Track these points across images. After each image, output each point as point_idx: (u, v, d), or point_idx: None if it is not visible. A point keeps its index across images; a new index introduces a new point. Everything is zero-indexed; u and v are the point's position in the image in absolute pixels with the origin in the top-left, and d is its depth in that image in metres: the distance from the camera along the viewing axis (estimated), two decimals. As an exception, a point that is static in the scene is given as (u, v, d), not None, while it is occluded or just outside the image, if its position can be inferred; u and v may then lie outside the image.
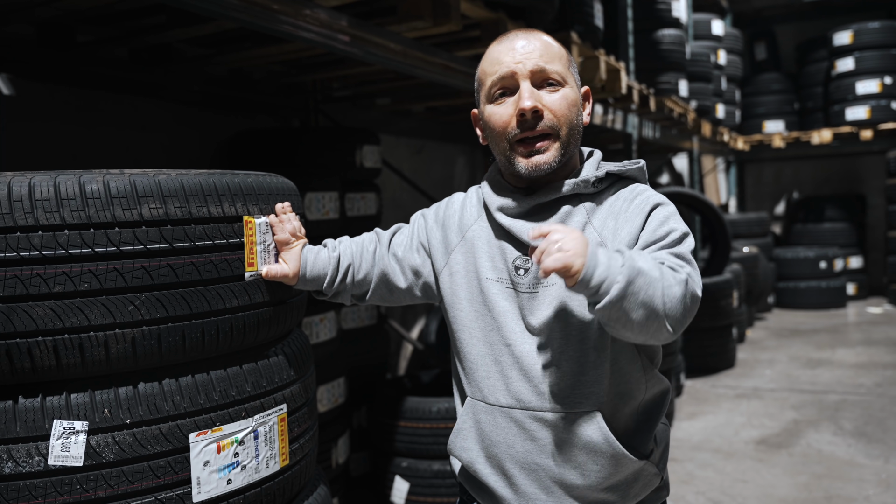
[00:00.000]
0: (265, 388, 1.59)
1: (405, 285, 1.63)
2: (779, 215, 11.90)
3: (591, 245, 1.20)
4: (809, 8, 11.40)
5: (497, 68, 1.44)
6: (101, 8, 2.62)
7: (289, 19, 2.40)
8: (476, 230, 1.54)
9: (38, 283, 1.31)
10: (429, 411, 3.36)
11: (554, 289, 1.41)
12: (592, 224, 1.43)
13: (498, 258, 1.48)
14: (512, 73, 1.42)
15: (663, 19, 6.59)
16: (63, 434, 1.34)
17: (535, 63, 1.41)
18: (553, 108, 1.41)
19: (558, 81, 1.43)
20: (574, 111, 1.44)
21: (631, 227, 1.39)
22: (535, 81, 1.42)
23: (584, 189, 1.46)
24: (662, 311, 1.22)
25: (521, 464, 1.44)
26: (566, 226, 1.24)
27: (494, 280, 1.47)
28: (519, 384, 1.43)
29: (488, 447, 1.48)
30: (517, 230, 1.45)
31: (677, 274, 1.26)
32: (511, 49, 1.43)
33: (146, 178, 1.41)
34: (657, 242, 1.36)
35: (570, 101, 1.43)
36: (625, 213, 1.41)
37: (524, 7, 3.34)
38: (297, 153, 3.50)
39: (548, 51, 1.43)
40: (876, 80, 9.68)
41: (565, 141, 1.43)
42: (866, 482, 3.85)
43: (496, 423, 1.46)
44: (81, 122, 3.09)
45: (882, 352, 6.93)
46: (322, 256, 1.62)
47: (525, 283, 1.44)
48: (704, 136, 8.25)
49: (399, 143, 5.22)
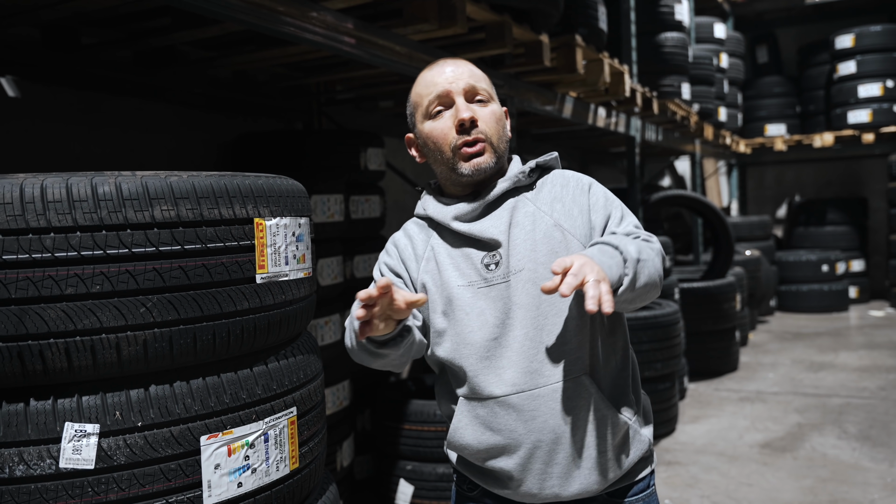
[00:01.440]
0: (275, 391, 1.58)
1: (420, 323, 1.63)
2: (780, 218, 11.90)
3: (595, 258, 1.36)
4: (811, 11, 11.41)
5: (432, 89, 1.60)
6: (105, 10, 2.62)
7: (294, 21, 2.40)
8: (432, 249, 1.62)
9: (50, 284, 1.30)
10: (433, 414, 3.36)
11: (524, 272, 1.52)
12: (541, 209, 1.59)
13: (464, 264, 1.57)
14: (447, 92, 1.59)
15: (666, 22, 6.60)
16: (74, 437, 1.34)
17: (466, 82, 1.59)
18: (484, 118, 1.59)
19: (486, 98, 1.61)
20: (501, 123, 1.63)
21: (580, 206, 1.59)
22: (467, 97, 1.59)
23: (522, 181, 1.62)
24: (657, 280, 1.48)
25: (526, 444, 1.51)
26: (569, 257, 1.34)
27: (465, 286, 1.55)
28: (511, 371, 1.51)
29: (490, 437, 1.54)
30: (478, 232, 1.57)
31: (652, 245, 1.50)
32: (442, 72, 1.61)
33: (158, 180, 1.41)
34: (612, 216, 1.58)
35: (497, 115, 1.62)
36: (567, 195, 1.60)
37: (529, 10, 3.34)
38: (301, 156, 3.49)
39: (474, 73, 1.62)
40: (878, 84, 9.68)
41: (496, 146, 1.59)
42: (871, 486, 3.84)
43: (495, 413, 1.52)
44: (85, 124, 3.09)
45: (885, 355, 6.92)
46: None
47: (499, 275, 1.54)
48: (706, 140, 8.26)
49: (402, 146, 5.22)
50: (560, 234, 1.55)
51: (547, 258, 1.52)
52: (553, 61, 3.83)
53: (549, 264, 1.51)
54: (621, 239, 1.44)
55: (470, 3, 2.86)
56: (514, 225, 1.56)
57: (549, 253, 1.53)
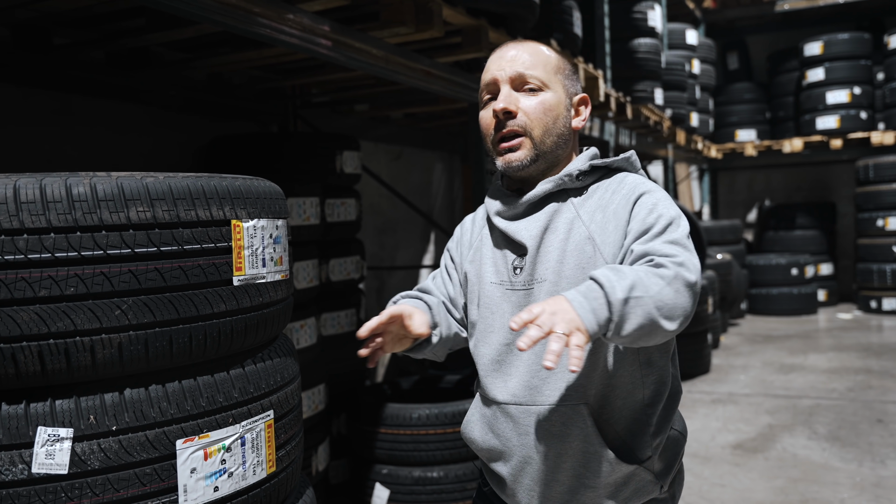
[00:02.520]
0: (252, 394, 1.57)
1: (460, 316, 1.68)
2: (751, 223, 12.05)
3: (568, 297, 1.21)
4: (780, 19, 11.59)
5: (486, 76, 1.55)
6: (78, 10, 2.59)
7: (270, 23, 2.39)
8: (482, 239, 1.62)
9: (23, 287, 1.28)
10: (409, 418, 3.35)
11: (546, 284, 1.45)
12: (581, 218, 1.46)
13: (500, 262, 1.54)
14: (495, 80, 1.52)
15: (639, 28, 6.67)
16: (47, 441, 1.32)
17: (515, 69, 1.50)
18: (527, 110, 1.49)
19: (537, 87, 1.50)
20: (550, 115, 1.50)
21: (617, 220, 1.42)
22: (515, 86, 1.51)
23: (570, 184, 1.50)
24: (659, 318, 1.24)
25: (518, 457, 1.48)
26: (537, 304, 1.22)
27: (497, 283, 1.54)
28: (515, 381, 1.48)
29: (491, 439, 1.53)
30: (511, 231, 1.52)
31: (665, 271, 1.26)
32: (500, 58, 1.54)
33: (134, 181, 1.39)
34: (648, 231, 1.37)
35: (547, 105, 1.50)
36: (612, 204, 1.44)
37: (505, 14, 3.36)
38: (277, 158, 3.48)
39: (533, 58, 1.52)
40: (845, 90, 9.85)
41: (539, 141, 1.49)
42: (841, 485, 3.89)
43: (496, 417, 1.51)
44: (58, 125, 3.05)
45: (853, 357, 7.04)
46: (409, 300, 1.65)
47: (521, 281, 1.49)
48: (679, 144, 8.35)
49: (378, 150, 5.22)
50: (591, 249, 1.42)
51: (573, 272, 1.42)
52: (528, 66, 3.84)
53: (573, 279, 1.41)
54: (616, 273, 1.25)
55: (447, 7, 2.87)
56: (549, 230, 1.47)
57: (575, 267, 1.42)
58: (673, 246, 1.32)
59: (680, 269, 1.27)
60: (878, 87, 10.14)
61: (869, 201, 9.58)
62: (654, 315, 1.23)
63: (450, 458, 3.33)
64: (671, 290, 1.25)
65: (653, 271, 1.27)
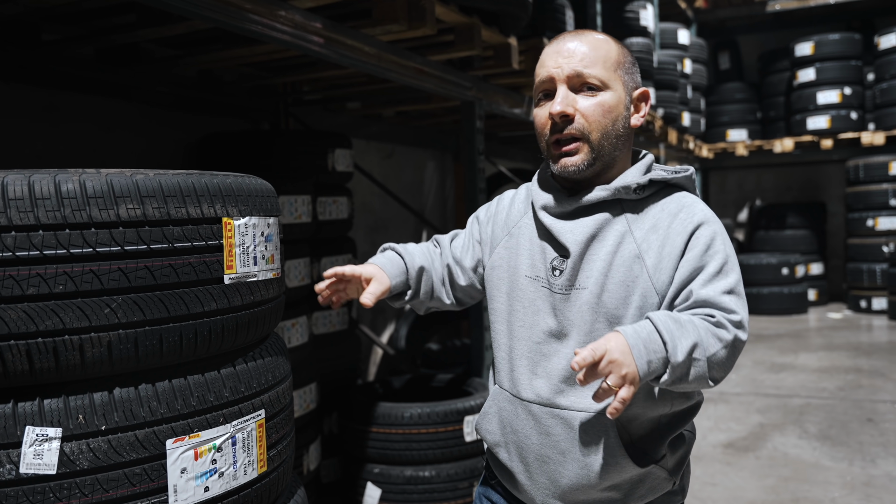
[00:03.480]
0: (243, 393, 1.56)
1: (466, 283, 1.68)
2: (742, 222, 12.09)
3: (629, 342, 1.24)
4: (771, 19, 11.63)
5: (541, 71, 1.49)
6: (67, 6, 2.56)
7: (262, 20, 2.38)
8: (521, 227, 1.58)
9: (10, 284, 1.26)
10: (401, 417, 3.34)
11: (585, 293, 1.43)
12: (633, 234, 1.43)
13: (538, 256, 1.52)
14: (551, 78, 1.46)
15: (631, 28, 6.67)
16: (36, 441, 1.30)
17: (573, 68, 1.44)
18: (586, 113, 1.44)
19: (597, 86, 1.45)
20: (610, 116, 1.45)
21: (672, 246, 1.40)
22: (572, 86, 1.45)
23: (626, 195, 1.46)
24: (708, 379, 1.30)
25: (536, 454, 1.49)
26: (603, 341, 1.25)
27: (532, 278, 1.51)
28: (541, 381, 1.47)
29: (509, 434, 1.53)
30: (557, 231, 1.48)
31: (724, 333, 1.30)
32: (556, 52, 1.47)
33: (123, 178, 1.37)
34: (703, 269, 1.37)
35: (607, 106, 1.45)
36: (667, 228, 1.42)
37: (498, 12, 3.35)
38: (268, 156, 3.46)
39: (592, 54, 1.45)
40: (836, 91, 9.89)
41: (597, 145, 1.45)
42: (832, 484, 3.91)
43: (517, 413, 1.51)
44: (46, 122, 3.02)
45: (843, 356, 7.07)
46: (392, 257, 1.65)
47: (559, 283, 1.46)
48: (671, 144, 8.37)
49: (370, 148, 5.20)
50: (639, 268, 1.40)
51: (616, 287, 1.40)
52: (521, 64, 3.84)
53: (615, 294, 1.40)
54: (678, 327, 1.27)
55: (439, 4, 2.85)
56: (597, 239, 1.44)
57: (619, 283, 1.40)
58: (733, 298, 1.35)
59: (738, 332, 1.32)
60: (868, 88, 10.19)
61: (859, 201, 9.63)
62: (704, 376, 1.29)
63: (441, 457, 3.32)
64: (726, 353, 1.30)
65: (713, 331, 1.30)
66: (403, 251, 1.67)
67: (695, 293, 1.35)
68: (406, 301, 1.66)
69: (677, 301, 1.38)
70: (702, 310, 1.34)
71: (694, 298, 1.35)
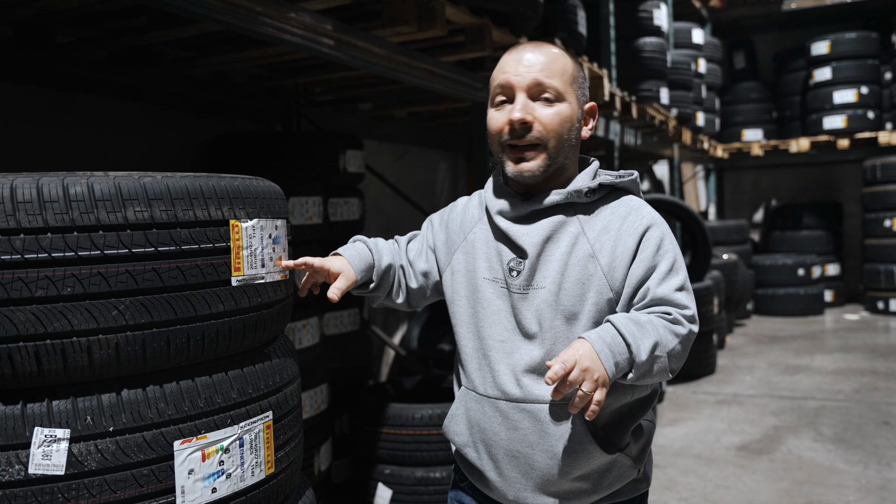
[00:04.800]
0: (251, 394, 1.56)
1: (416, 286, 1.72)
2: (757, 223, 12.01)
3: (595, 347, 1.34)
4: (787, 18, 11.53)
5: (501, 76, 1.54)
6: (80, 8, 2.58)
7: (272, 22, 2.38)
8: (477, 232, 1.63)
9: (19, 287, 1.28)
10: (412, 418, 3.34)
11: (543, 291, 1.50)
12: (586, 235, 1.51)
13: (494, 259, 1.57)
14: (511, 84, 1.52)
15: (645, 27, 6.64)
16: (44, 442, 1.31)
17: (534, 77, 1.50)
18: (544, 121, 1.50)
19: (555, 97, 1.51)
20: (566, 126, 1.52)
21: (625, 247, 1.49)
22: (531, 94, 1.51)
23: (578, 199, 1.54)
24: (668, 372, 1.43)
25: (505, 450, 1.53)
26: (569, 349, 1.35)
27: (490, 280, 1.56)
28: (505, 377, 1.52)
29: (477, 433, 1.58)
30: (513, 234, 1.55)
31: (680, 329, 1.43)
32: (517, 60, 1.53)
33: (131, 180, 1.38)
34: (656, 268, 1.48)
35: (563, 116, 1.51)
36: (618, 230, 1.50)
37: (508, 13, 3.34)
38: (279, 157, 3.47)
39: (550, 66, 1.51)
40: (853, 90, 9.81)
41: (553, 153, 1.52)
42: (846, 488, 3.87)
43: (484, 411, 1.56)
44: (58, 124, 3.05)
45: (859, 358, 7.00)
46: (361, 251, 1.67)
47: (517, 284, 1.53)
48: (685, 144, 8.32)
49: (381, 149, 5.21)
50: (593, 267, 1.48)
51: (572, 286, 1.48)
52: (533, 65, 3.82)
53: (571, 292, 1.48)
54: (639, 328, 1.38)
55: (449, 5, 2.85)
56: (551, 240, 1.51)
57: (575, 282, 1.48)
58: (684, 294, 1.47)
59: (692, 326, 1.45)
60: (885, 87, 10.09)
61: (876, 201, 9.54)
62: (666, 369, 1.41)
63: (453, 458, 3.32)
64: (681, 346, 1.43)
65: (670, 328, 1.42)
66: (374, 247, 1.70)
67: (651, 291, 1.46)
68: (365, 293, 1.69)
69: (635, 300, 1.48)
70: (658, 307, 1.45)
71: (651, 297, 1.46)
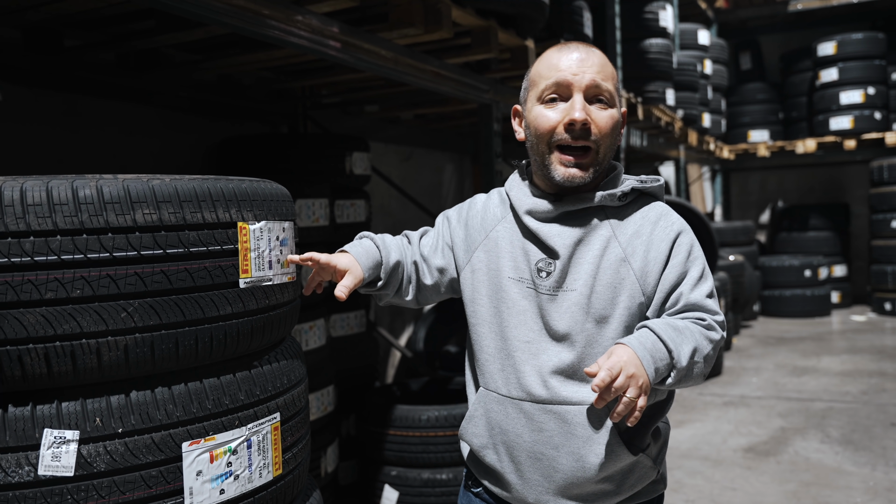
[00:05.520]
0: (259, 396, 1.57)
1: (431, 282, 1.68)
2: (764, 224, 11.98)
3: (637, 353, 1.34)
4: (794, 18, 11.51)
5: (554, 74, 1.48)
6: (89, 12, 2.59)
7: (279, 25, 2.39)
8: (500, 230, 1.59)
9: (29, 289, 1.28)
10: (418, 420, 3.35)
11: (574, 294, 1.48)
12: (618, 239, 1.50)
13: (521, 259, 1.54)
14: (568, 83, 1.47)
15: (650, 29, 6.64)
16: (54, 443, 1.32)
17: (592, 78, 1.46)
18: (600, 124, 1.47)
19: (608, 101, 1.49)
20: (616, 132, 1.51)
21: (657, 252, 1.49)
22: (587, 95, 1.47)
23: (611, 202, 1.52)
24: (704, 373, 1.44)
25: (528, 452, 1.51)
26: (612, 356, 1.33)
27: (515, 279, 1.53)
28: (531, 378, 1.50)
29: (498, 435, 1.55)
30: (544, 234, 1.52)
31: (714, 335, 1.44)
32: (570, 59, 1.48)
33: (140, 183, 1.39)
34: (686, 276, 1.48)
35: (615, 121, 1.50)
36: (650, 235, 1.50)
37: (515, 15, 3.35)
38: (286, 159, 3.48)
39: (604, 69, 1.49)
40: (859, 91, 9.78)
41: (602, 158, 1.50)
42: (854, 490, 3.86)
43: (507, 413, 1.53)
44: (68, 127, 3.06)
45: (867, 360, 6.98)
46: (369, 248, 1.62)
47: (546, 285, 1.50)
48: (691, 145, 8.31)
49: (388, 150, 5.21)
50: (626, 271, 1.47)
51: (604, 289, 1.46)
52: (539, 66, 3.83)
53: (603, 295, 1.47)
54: (678, 334, 1.38)
55: (456, 7, 2.86)
56: (583, 243, 1.49)
57: (607, 285, 1.46)
58: (714, 301, 1.48)
59: (723, 333, 1.47)
60: (892, 88, 10.06)
61: (883, 202, 9.51)
62: (701, 374, 1.42)
63: (459, 460, 3.32)
64: (713, 352, 1.44)
65: (705, 333, 1.42)
66: (381, 243, 1.64)
67: (684, 297, 1.46)
68: (373, 291, 1.64)
69: (667, 305, 1.48)
70: (692, 313, 1.45)
71: (683, 302, 1.46)
